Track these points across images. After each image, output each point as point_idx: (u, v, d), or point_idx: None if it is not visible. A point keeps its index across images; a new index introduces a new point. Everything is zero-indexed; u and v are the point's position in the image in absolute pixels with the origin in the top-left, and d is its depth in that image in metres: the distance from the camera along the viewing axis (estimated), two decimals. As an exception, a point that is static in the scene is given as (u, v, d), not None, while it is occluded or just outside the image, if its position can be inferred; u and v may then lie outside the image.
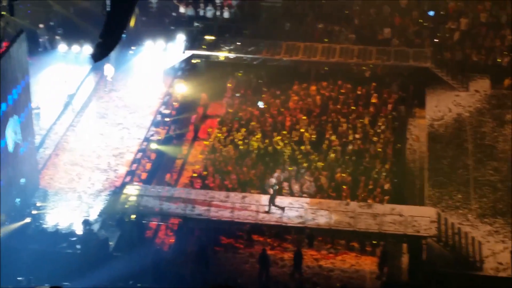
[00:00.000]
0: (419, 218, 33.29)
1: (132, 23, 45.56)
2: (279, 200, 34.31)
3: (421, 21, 47.09)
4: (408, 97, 43.63)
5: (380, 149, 38.40)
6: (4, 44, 33.16)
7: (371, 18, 47.71)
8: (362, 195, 35.44)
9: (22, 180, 33.80)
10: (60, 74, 44.55)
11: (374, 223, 33.29)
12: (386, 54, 44.71)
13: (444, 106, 42.01)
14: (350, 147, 38.42)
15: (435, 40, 45.78)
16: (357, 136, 39.31)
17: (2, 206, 32.30)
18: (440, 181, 36.76)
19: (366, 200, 35.03)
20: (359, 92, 43.17)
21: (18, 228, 33.75)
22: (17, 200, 34.12)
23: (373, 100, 42.39)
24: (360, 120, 40.61)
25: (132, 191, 35.53)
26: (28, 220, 34.16)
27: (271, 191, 34.36)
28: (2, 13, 30.58)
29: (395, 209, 34.05)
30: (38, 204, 35.48)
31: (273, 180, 35.11)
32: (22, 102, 34.46)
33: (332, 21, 47.62)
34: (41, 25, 46.89)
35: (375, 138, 39.22)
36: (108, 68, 44.56)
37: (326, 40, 46.20)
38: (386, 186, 35.93)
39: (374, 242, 33.96)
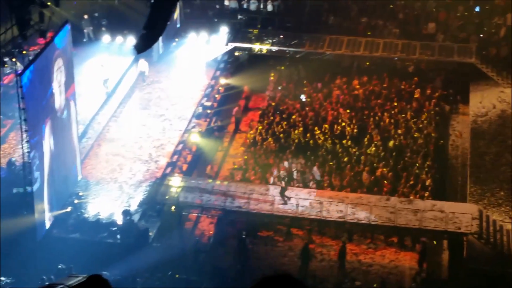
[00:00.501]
0: (461, 214, 32.97)
1: (175, 14, 45.72)
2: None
3: (466, 15, 46.54)
4: (452, 92, 43.20)
5: (422, 145, 38.08)
6: (49, 35, 33.44)
7: (416, 12, 47.31)
8: (403, 191, 35.17)
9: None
10: (102, 63, 44.76)
11: (415, 219, 33.04)
12: (430, 49, 44.32)
13: (488, 102, 41.57)
14: (392, 142, 38.14)
15: (480, 35, 45.23)
16: (399, 131, 39.03)
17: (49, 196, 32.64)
18: (483, 178, 36.40)
19: (407, 195, 34.76)
20: (402, 87, 42.87)
21: (60, 217, 34.06)
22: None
23: (416, 95, 42.05)
24: (403, 115, 40.30)
25: (172, 182, 35.63)
26: (69, 209, 34.45)
27: (283, 183, 34.59)
28: (48, 3, 30.82)
29: (436, 205, 33.77)
30: (80, 193, 35.78)
31: (283, 173, 35.35)
32: (67, 91, 34.79)
33: (376, 15, 47.33)
34: (85, 16, 47.25)
35: (417, 134, 38.91)
36: (143, 63, 44.68)
37: (369, 33, 45.93)
38: (428, 182, 35.62)
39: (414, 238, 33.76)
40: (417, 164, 36.60)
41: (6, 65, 32.92)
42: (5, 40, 31.16)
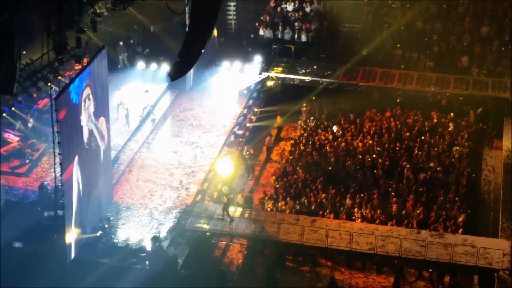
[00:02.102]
0: (492, 250, 32.59)
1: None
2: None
3: (503, 50, 46.28)
4: (485, 127, 42.89)
5: (454, 179, 37.81)
6: (85, 60, 33.76)
7: (451, 46, 47.15)
8: (433, 225, 34.89)
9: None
10: (137, 90, 45.06)
11: (446, 253, 32.72)
12: (465, 83, 44.13)
13: (522, 138, 41.26)
14: (423, 175, 37.90)
15: (515, 70, 45.03)
16: (431, 164, 38.79)
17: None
18: (515, 214, 36.05)
19: (438, 229, 34.48)
20: (435, 121, 42.64)
21: (89, 241, 34.19)
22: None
23: (449, 129, 41.80)
24: (435, 149, 40.06)
25: (202, 209, 35.66)
26: (99, 234, 34.57)
27: (225, 199, 35.12)
28: (85, 29, 31.13)
29: (468, 240, 33.44)
30: (110, 218, 35.93)
31: (227, 188, 35.90)
32: (100, 116, 35.11)
33: (411, 48, 47.24)
34: (121, 43, 47.66)
35: (449, 168, 38.65)
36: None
37: (403, 66, 45.86)
38: (459, 217, 35.32)
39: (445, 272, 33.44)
40: (449, 198, 36.32)
41: (41, 89, 33.18)
42: (41, 65, 31.46)
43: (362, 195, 36.55)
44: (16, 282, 31.14)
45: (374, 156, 39.49)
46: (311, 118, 43.80)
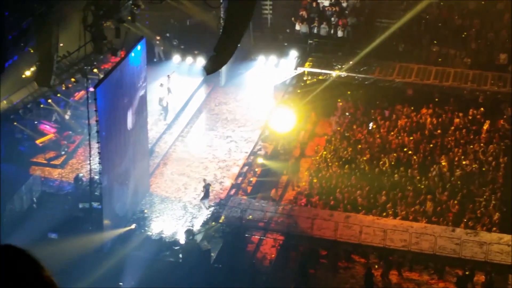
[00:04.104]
0: (528, 249, 32.35)
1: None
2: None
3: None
4: (523, 125, 42.49)
5: (490, 176, 37.49)
6: (121, 53, 33.93)
7: (489, 42, 46.67)
8: (469, 223, 34.63)
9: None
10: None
11: (480, 251, 32.48)
12: (502, 80, 43.68)
13: (559, 136, 40.75)
14: (459, 172, 37.62)
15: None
16: (467, 162, 38.48)
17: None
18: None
19: (473, 227, 34.21)
20: (471, 118, 42.28)
21: (123, 233, 34.37)
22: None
23: (486, 127, 41.43)
24: (471, 146, 39.74)
25: (236, 204, 35.70)
26: (133, 226, 34.75)
27: (204, 190, 36.10)
28: (129, 17, 31.27)
29: (503, 238, 33.15)
30: (145, 211, 36.10)
31: (206, 180, 36.86)
32: (139, 108, 35.33)
33: (448, 44, 46.84)
34: (158, 37, 47.80)
35: (485, 165, 38.33)
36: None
37: (440, 60, 45.47)
38: (495, 215, 35.01)
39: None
40: (485, 196, 36.03)
41: (77, 82, 33.44)
42: (78, 58, 31.67)
43: (396, 191, 36.36)
44: (52, 274, 31.33)
45: (409, 152, 39.26)
46: (346, 114, 43.62)
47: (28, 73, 37.27)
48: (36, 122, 40.15)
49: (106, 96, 31.36)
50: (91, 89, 33.46)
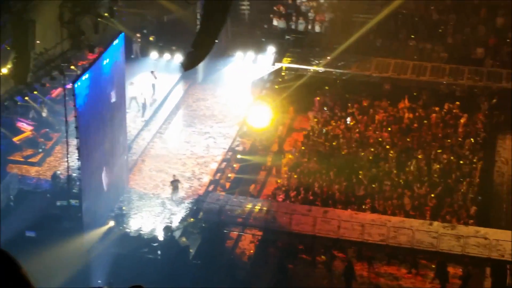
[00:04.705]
0: (505, 242, 32.48)
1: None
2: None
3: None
4: (499, 119, 42.73)
5: (467, 170, 37.73)
6: (98, 50, 33.85)
7: (465, 37, 46.94)
8: (446, 216, 34.83)
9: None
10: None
11: (458, 244, 32.65)
12: (479, 74, 43.91)
13: (536, 129, 41.07)
14: (436, 166, 37.83)
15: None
16: (444, 156, 38.69)
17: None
18: (528, 206, 35.92)
19: (450, 221, 34.41)
20: (448, 112, 42.49)
21: (101, 230, 34.28)
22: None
23: (463, 121, 41.67)
24: (448, 141, 39.96)
25: (215, 200, 35.70)
26: (111, 223, 34.66)
27: (172, 185, 36.70)
28: (105, 14, 31.17)
29: (480, 231, 33.33)
30: (123, 208, 36.03)
31: (175, 176, 37.53)
32: (118, 104, 35.28)
33: (425, 39, 47.04)
34: (138, 34, 47.67)
35: (462, 159, 38.56)
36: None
37: (415, 58, 45.64)
38: (472, 208, 35.26)
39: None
40: (462, 190, 36.25)
41: (54, 79, 33.31)
42: (55, 55, 31.54)
43: (374, 186, 36.53)
44: (30, 271, 31.23)
45: (387, 147, 39.42)
46: (324, 109, 43.71)
47: (4, 70, 37.04)
48: (13, 120, 39.93)
49: (85, 92, 31.28)
50: (69, 86, 33.39)
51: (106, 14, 31.41)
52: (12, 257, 5.31)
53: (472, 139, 40.08)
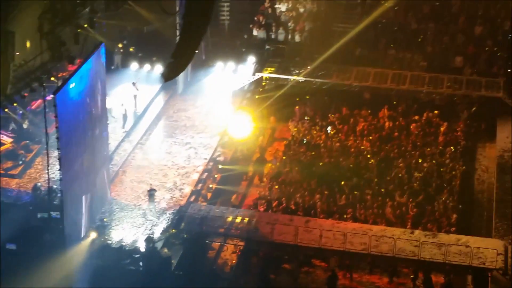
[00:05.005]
0: (485, 250, 32.57)
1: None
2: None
3: (496, 49, 46.31)
4: (479, 127, 42.96)
5: (447, 179, 37.89)
6: (78, 61, 33.78)
7: (444, 45, 47.19)
8: (427, 224, 34.93)
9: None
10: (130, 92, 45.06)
11: (439, 253, 32.72)
12: (458, 82, 44.10)
13: (515, 137, 41.30)
14: (417, 175, 37.97)
15: (508, 70, 44.98)
16: (424, 164, 38.83)
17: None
18: (508, 213, 35.96)
19: (432, 229, 34.50)
20: (428, 120, 42.67)
21: (84, 242, 34.16)
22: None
23: (442, 129, 41.86)
24: (428, 149, 40.11)
25: (196, 210, 35.62)
26: (94, 234, 34.52)
27: (149, 195, 37.03)
28: (85, 25, 31.12)
29: (461, 239, 33.41)
30: (104, 219, 35.91)
31: (152, 185, 38.14)
32: (99, 115, 35.24)
33: (404, 48, 47.25)
34: (120, 45, 47.60)
35: (443, 168, 38.71)
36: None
37: (394, 67, 45.80)
38: (453, 216, 35.39)
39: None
40: (443, 198, 36.38)
41: (34, 91, 33.19)
42: (34, 66, 31.44)
43: (355, 193, 36.60)
44: (12, 284, 31.12)
45: (368, 156, 39.52)
46: (305, 118, 43.78)
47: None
48: (-8, 132, 39.77)
49: (66, 102, 31.20)
50: (49, 98, 33.29)
51: (85, 25, 31.34)
52: None
53: (452, 147, 40.29)
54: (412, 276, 33.53)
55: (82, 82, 32.76)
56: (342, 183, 37.48)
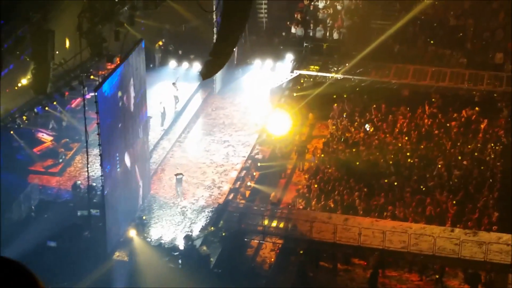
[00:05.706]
0: (527, 248, 32.31)
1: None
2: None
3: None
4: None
5: (488, 176, 37.50)
6: (117, 60, 33.95)
7: (484, 42, 46.70)
8: (468, 223, 34.62)
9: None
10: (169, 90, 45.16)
11: (480, 251, 32.45)
12: (498, 79, 43.67)
13: (557, 134, 40.75)
14: (456, 172, 37.63)
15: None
16: (464, 162, 38.49)
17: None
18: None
19: (472, 227, 34.19)
20: (468, 118, 42.28)
21: (123, 239, 34.33)
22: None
23: (482, 126, 41.45)
24: (469, 146, 39.75)
25: (235, 208, 35.65)
26: (133, 232, 34.66)
27: (176, 180, 37.77)
28: (124, 24, 31.25)
29: (502, 238, 33.13)
30: (143, 217, 36.05)
31: (178, 171, 38.50)
32: (139, 111, 35.39)
33: (444, 45, 46.84)
34: (160, 42, 47.79)
35: (483, 165, 38.33)
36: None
37: (435, 63, 45.43)
38: (494, 214, 35.02)
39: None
40: (483, 196, 36.02)
41: (74, 89, 33.43)
42: (74, 65, 31.65)
43: (394, 192, 36.38)
44: (51, 282, 31.36)
45: (407, 153, 39.26)
46: (343, 116, 43.60)
47: (24, 81, 37.19)
48: (33, 130, 40.09)
49: (106, 99, 31.40)
50: (88, 96, 33.51)
51: (124, 24, 31.45)
52: (30, 271, 5.25)
53: (492, 145, 39.85)
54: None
55: (121, 79, 32.92)
56: (383, 180, 37.26)
